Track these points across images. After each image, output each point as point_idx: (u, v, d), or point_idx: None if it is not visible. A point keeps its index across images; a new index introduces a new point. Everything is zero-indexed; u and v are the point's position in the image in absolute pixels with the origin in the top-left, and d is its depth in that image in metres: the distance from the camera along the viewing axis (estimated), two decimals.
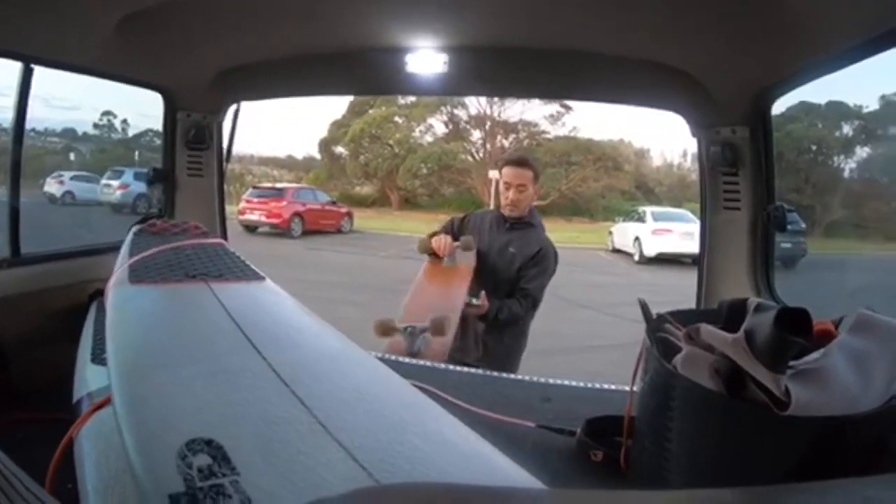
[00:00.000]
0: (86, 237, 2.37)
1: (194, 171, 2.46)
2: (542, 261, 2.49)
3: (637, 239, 14.88)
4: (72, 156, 14.14)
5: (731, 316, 0.98)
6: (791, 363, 0.79)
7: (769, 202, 1.84)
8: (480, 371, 1.84)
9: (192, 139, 2.39)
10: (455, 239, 2.53)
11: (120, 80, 2.16)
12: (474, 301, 2.32)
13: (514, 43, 1.89)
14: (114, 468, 0.83)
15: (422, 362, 1.83)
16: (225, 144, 2.51)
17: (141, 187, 2.77)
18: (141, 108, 2.62)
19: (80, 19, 1.72)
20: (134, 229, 1.73)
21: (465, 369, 1.84)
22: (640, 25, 1.64)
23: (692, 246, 8.72)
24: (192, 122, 2.39)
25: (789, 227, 1.81)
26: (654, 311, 1.08)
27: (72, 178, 12.80)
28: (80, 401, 1.18)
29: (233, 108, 2.46)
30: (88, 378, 1.26)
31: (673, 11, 1.53)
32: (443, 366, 1.87)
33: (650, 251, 14.35)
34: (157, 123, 2.47)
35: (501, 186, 2.56)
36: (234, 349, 0.85)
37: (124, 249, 1.54)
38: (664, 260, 13.83)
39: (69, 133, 13.90)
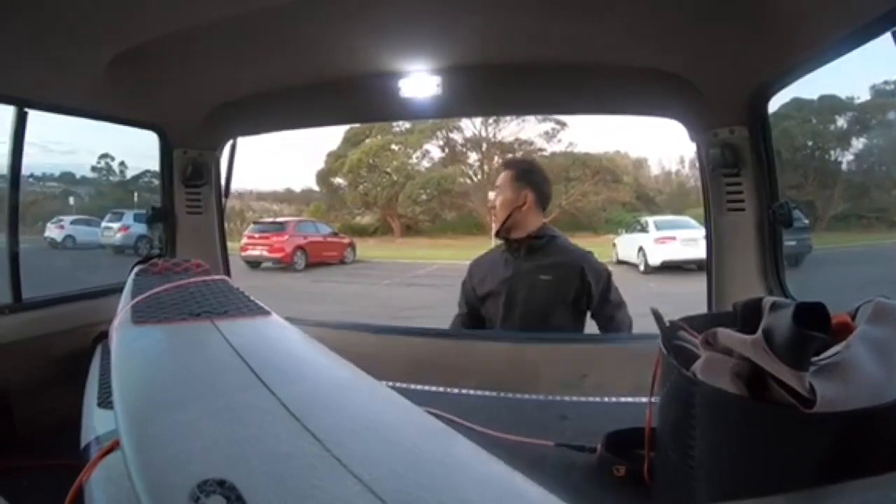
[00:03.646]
0: (90, 280, 2.33)
1: (193, 209, 2.44)
2: (597, 276, 2.16)
3: (641, 249, 14.89)
4: (71, 200, 14.22)
5: (746, 317, 0.96)
6: (812, 359, 0.77)
7: (774, 200, 1.82)
8: (494, 393, 1.80)
9: (189, 176, 2.38)
10: (476, 300, 2.29)
11: (114, 121, 2.16)
12: None
13: (507, 60, 1.89)
14: None
15: (433, 388, 1.80)
16: (223, 179, 2.50)
17: (142, 228, 2.77)
18: (138, 149, 2.62)
19: (70, 60, 1.71)
20: (135, 269, 1.72)
21: (479, 392, 1.81)
22: (631, 33, 1.64)
23: (696, 252, 8.84)
24: (188, 159, 2.38)
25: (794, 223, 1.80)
26: (667, 319, 1.06)
27: (72, 223, 12.95)
28: (87, 446, 1.16)
29: (230, 142, 2.46)
30: (96, 423, 1.23)
31: (662, 16, 1.53)
32: (456, 390, 1.82)
33: (654, 260, 14.40)
34: (155, 164, 2.46)
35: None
36: (241, 386, 0.83)
37: (126, 290, 1.52)
38: (669, 268, 13.89)
39: (67, 177, 13.99)
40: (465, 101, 2.12)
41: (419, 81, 1.98)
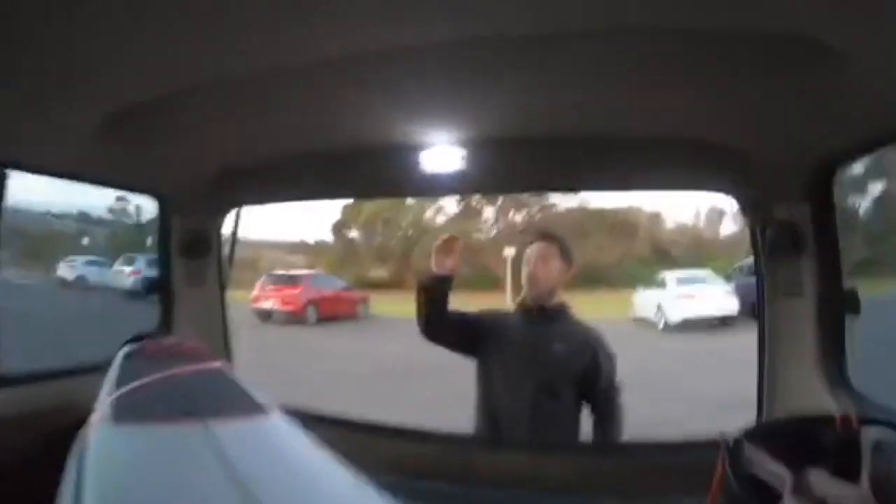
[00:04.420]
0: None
1: (193, 282, 2.30)
2: (607, 361, 2.19)
3: (659, 306, 14.58)
4: (85, 240, 14.30)
5: (817, 435, 0.94)
6: None
7: (838, 285, 1.64)
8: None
9: (188, 246, 2.24)
10: (470, 327, 2.26)
11: (107, 185, 2.05)
12: None
13: (541, 132, 1.74)
14: None
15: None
16: (227, 250, 2.38)
17: (153, 273, 2.63)
18: None
19: (57, 118, 1.58)
20: (123, 352, 1.58)
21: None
22: (680, 102, 1.49)
23: (717, 309, 8.68)
24: (188, 228, 2.25)
25: None
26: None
27: (84, 263, 13.00)
28: None
29: (233, 212, 2.33)
30: None
31: (715, 81, 1.38)
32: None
33: (674, 318, 14.01)
34: None
35: (522, 269, 2.27)
36: None
37: (111, 376, 1.39)
38: (690, 326, 13.50)
39: (83, 217, 14.15)
40: (493, 177, 1.97)
41: (442, 154, 1.82)
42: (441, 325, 2.22)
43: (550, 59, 1.32)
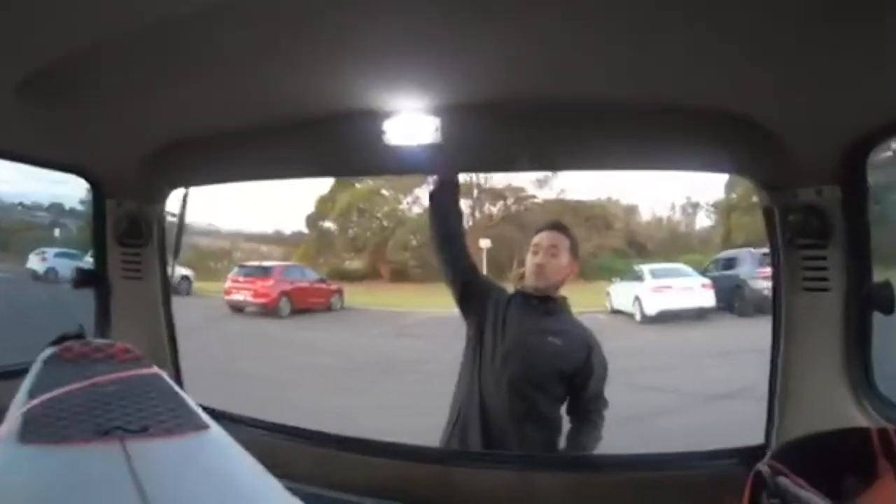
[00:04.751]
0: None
1: (131, 273, 2.06)
2: (600, 364, 2.18)
3: (636, 298, 14.64)
4: (56, 231, 13.90)
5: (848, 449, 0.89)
6: None
7: (868, 278, 1.47)
8: None
9: (124, 233, 2.00)
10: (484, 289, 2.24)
11: (31, 162, 1.79)
12: None
13: (529, 97, 1.49)
14: None
15: None
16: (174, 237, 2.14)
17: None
18: None
19: None
20: (44, 355, 1.35)
21: None
22: (691, 65, 1.28)
23: (693, 301, 8.88)
24: (124, 212, 2.00)
25: None
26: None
27: (55, 255, 12.72)
28: None
29: (180, 192, 2.08)
30: None
31: (733, 46, 1.18)
32: None
33: (651, 310, 14.10)
34: None
35: (528, 256, 2.22)
36: None
37: (26, 384, 1.18)
38: (666, 318, 13.64)
39: (56, 208, 13.88)
40: (473, 153, 1.71)
41: (411, 124, 1.55)
42: (457, 220, 2.26)
43: (542, 9, 1.11)
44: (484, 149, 1.67)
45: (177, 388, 1.18)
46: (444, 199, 2.20)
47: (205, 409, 1.63)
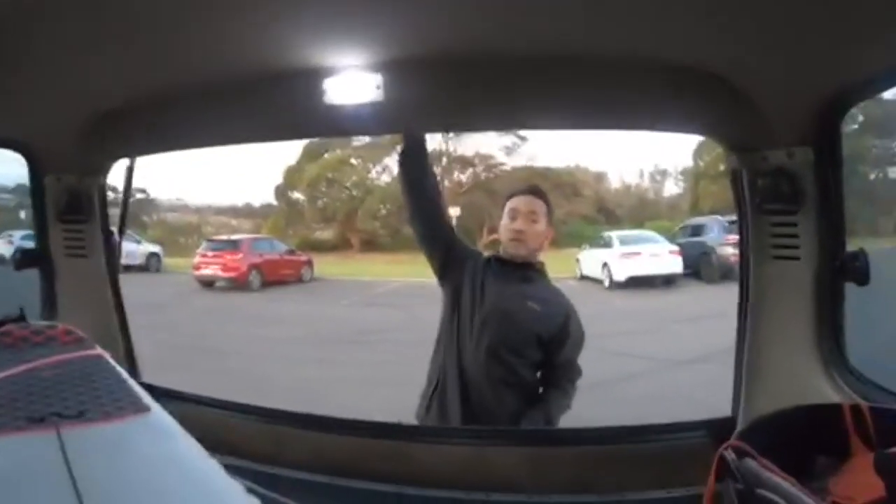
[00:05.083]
0: None
1: (74, 250, 1.95)
2: (576, 331, 2.13)
3: (605, 265, 14.79)
4: (22, 214, 13.75)
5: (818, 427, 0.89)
6: None
7: (841, 247, 1.40)
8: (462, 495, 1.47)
9: (65, 209, 1.89)
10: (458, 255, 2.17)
11: None
12: None
13: (477, 51, 1.38)
14: None
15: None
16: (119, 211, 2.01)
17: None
18: None
19: None
20: None
21: (443, 493, 1.53)
22: (654, 17, 1.19)
23: (661, 267, 8.97)
24: (63, 187, 1.88)
25: None
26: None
27: (22, 238, 12.49)
28: None
29: (123, 164, 1.96)
30: None
31: (704, 1, 1.12)
32: (413, 490, 1.55)
33: (620, 276, 14.26)
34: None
35: (504, 220, 2.13)
36: None
37: None
38: (635, 284, 13.82)
39: (21, 190, 13.55)
40: (417, 110, 1.60)
41: (351, 81, 1.44)
42: (432, 186, 2.18)
43: None
44: (430, 107, 1.57)
45: (120, 370, 1.12)
46: (414, 165, 2.10)
47: (155, 388, 1.58)
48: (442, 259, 2.16)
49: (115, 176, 1.95)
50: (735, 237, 1.59)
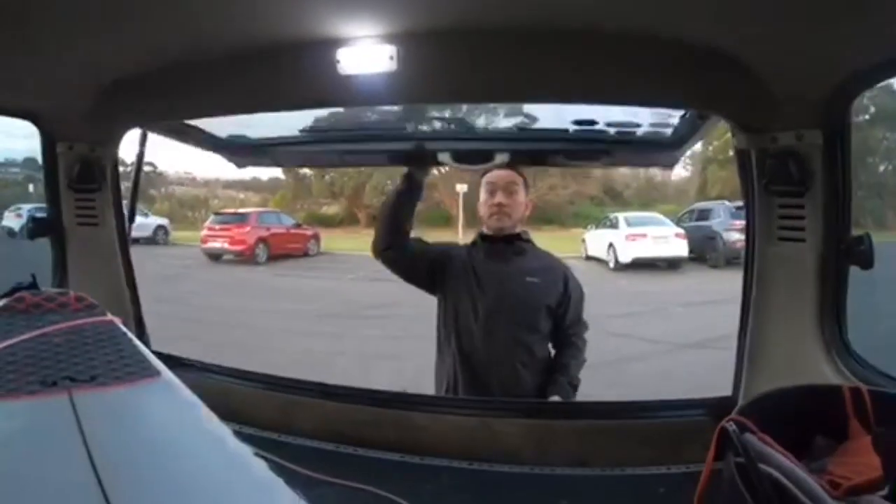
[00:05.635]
0: None
1: (86, 219, 1.95)
2: (576, 288, 2.16)
3: (611, 245, 14.79)
4: (31, 187, 13.71)
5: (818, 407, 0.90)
6: None
7: (846, 231, 1.40)
8: (465, 464, 1.49)
9: (77, 178, 1.89)
10: (433, 265, 2.16)
11: None
12: None
13: (492, 24, 1.37)
14: None
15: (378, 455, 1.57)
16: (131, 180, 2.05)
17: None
18: None
19: None
20: None
21: (438, 462, 1.55)
22: None
23: (666, 250, 8.92)
24: (75, 156, 1.88)
25: None
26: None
27: (31, 212, 12.50)
28: None
29: (136, 134, 1.97)
30: None
31: None
32: (417, 459, 1.57)
33: (625, 257, 14.27)
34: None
35: (483, 195, 2.15)
36: None
37: None
38: (640, 265, 13.84)
39: (30, 163, 13.55)
40: (431, 82, 1.57)
41: (365, 52, 1.44)
42: (400, 238, 2.16)
43: None
44: (443, 78, 1.55)
45: (130, 336, 1.13)
46: (395, 252, 2.15)
47: (165, 356, 1.60)
48: (427, 280, 2.18)
49: (127, 148, 1.96)
50: (741, 223, 1.58)
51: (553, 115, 2.05)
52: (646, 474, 1.50)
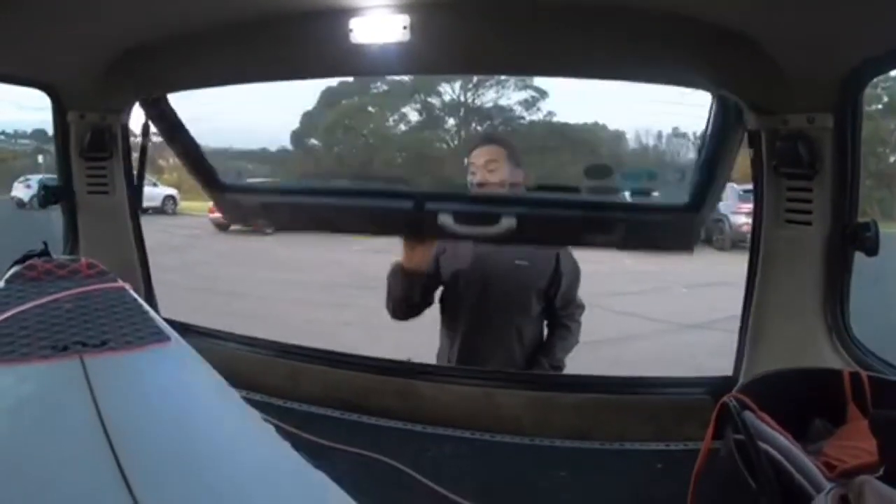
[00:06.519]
0: None
1: (97, 188, 1.97)
2: (569, 267, 2.12)
3: None
4: (40, 158, 13.73)
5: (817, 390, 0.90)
6: None
7: (853, 216, 1.40)
8: (468, 434, 1.51)
9: (88, 146, 1.90)
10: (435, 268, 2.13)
11: None
12: None
13: None
14: None
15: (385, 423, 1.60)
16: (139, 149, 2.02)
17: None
18: None
19: None
20: (8, 274, 1.31)
21: (441, 431, 1.59)
22: None
23: None
24: (86, 124, 1.89)
25: None
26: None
27: (41, 181, 12.56)
28: None
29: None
30: None
31: None
32: (420, 427, 1.60)
33: None
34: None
35: (468, 176, 2.09)
36: (93, 484, 0.58)
37: None
38: None
39: (39, 134, 13.54)
40: (445, 53, 1.57)
41: (379, 21, 1.44)
42: (417, 312, 2.18)
43: None
44: (457, 49, 1.55)
45: (141, 301, 1.15)
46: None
47: (174, 322, 1.62)
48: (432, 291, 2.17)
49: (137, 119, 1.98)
50: (747, 206, 1.58)
51: None
52: (644, 450, 1.53)
